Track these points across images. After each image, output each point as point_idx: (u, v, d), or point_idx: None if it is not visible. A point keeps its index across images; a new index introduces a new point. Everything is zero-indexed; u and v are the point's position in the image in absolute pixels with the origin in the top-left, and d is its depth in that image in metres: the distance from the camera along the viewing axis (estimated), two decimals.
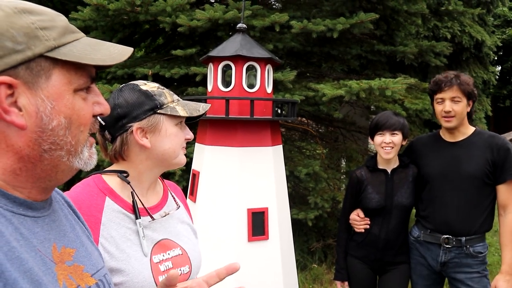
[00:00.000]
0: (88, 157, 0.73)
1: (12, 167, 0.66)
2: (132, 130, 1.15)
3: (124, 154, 1.18)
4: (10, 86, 0.62)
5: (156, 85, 1.22)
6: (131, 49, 0.75)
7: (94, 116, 0.74)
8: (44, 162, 0.68)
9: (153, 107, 1.16)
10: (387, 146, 2.24)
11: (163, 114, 1.17)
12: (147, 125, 1.15)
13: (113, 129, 1.17)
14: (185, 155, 1.25)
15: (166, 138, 1.18)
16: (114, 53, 0.72)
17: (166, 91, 1.21)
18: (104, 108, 0.75)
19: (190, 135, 1.24)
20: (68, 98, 0.68)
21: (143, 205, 1.17)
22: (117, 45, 0.75)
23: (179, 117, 1.20)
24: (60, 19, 0.69)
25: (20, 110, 0.64)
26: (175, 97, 1.22)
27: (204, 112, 1.23)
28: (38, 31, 0.64)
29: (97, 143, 0.83)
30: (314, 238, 5.02)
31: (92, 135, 0.77)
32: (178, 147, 1.20)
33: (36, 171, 0.68)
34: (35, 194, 0.70)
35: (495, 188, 2.21)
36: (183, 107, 1.20)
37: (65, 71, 0.67)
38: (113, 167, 1.22)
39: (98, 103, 0.74)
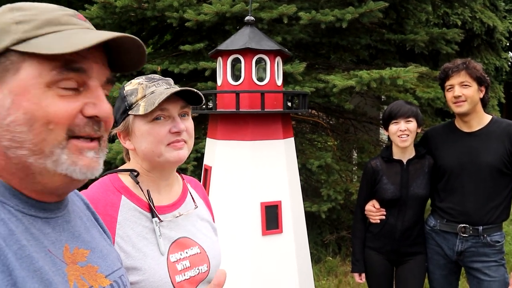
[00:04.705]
0: (71, 162, 0.65)
1: None
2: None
3: (128, 155, 1.23)
4: None
5: (138, 80, 1.16)
6: (111, 34, 0.65)
7: (88, 117, 0.67)
8: (12, 160, 0.64)
9: (125, 109, 1.14)
10: (402, 134, 2.22)
11: (131, 114, 1.13)
12: (122, 129, 1.16)
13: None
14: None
15: (140, 138, 1.13)
16: (85, 39, 0.63)
17: (142, 85, 1.13)
18: (98, 110, 0.67)
19: (177, 127, 1.11)
20: (34, 93, 0.62)
21: (152, 204, 1.15)
22: (102, 32, 0.67)
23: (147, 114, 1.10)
24: (53, 14, 0.66)
25: None
26: (149, 90, 1.12)
27: (170, 94, 1.08)
28: (12, 26, 0.63)
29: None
30: (327, 230, 5.01)
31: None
32: (156, 145, 1.11)
33: (12, 170, 0.65)
34: (40, 196, 0.69)
35: None
36: (146, 103, 1.10)
37: (37, 64, 0.63)
38: (125, 165, 1.23)
39: (93, 103, 0.67)
